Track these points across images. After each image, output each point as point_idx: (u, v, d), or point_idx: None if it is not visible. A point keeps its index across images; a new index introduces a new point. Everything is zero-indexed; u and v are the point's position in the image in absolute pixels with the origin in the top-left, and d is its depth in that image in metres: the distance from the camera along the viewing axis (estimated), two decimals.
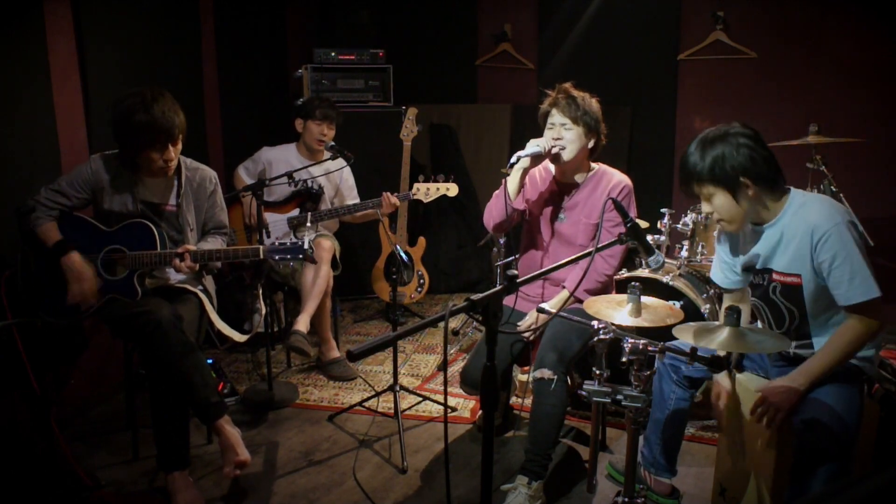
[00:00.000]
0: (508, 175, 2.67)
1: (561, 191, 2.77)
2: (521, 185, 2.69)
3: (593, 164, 2.77)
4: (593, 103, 2.67)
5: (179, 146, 2.64)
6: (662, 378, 2.42)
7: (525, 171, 2.67)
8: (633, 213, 2.69)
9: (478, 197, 5.18)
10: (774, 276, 2.15)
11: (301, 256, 2.63)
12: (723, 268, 2.37)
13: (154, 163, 2.59)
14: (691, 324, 2.05)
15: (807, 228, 2.03)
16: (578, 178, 2.75)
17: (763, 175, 2.06)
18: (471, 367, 2.70)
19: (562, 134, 2.62)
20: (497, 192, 2.72)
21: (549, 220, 2.78)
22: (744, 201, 2.08)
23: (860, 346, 2.03)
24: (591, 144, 2.67)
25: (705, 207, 2.17)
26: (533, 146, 2.60)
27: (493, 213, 2.73)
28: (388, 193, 3.72)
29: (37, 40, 2.95)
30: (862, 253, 1.98)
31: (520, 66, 5.13)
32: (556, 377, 2.47)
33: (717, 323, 2.04)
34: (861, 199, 3.70)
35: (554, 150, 2.62)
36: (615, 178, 2.72)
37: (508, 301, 2.75)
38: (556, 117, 2.64)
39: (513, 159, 2.59)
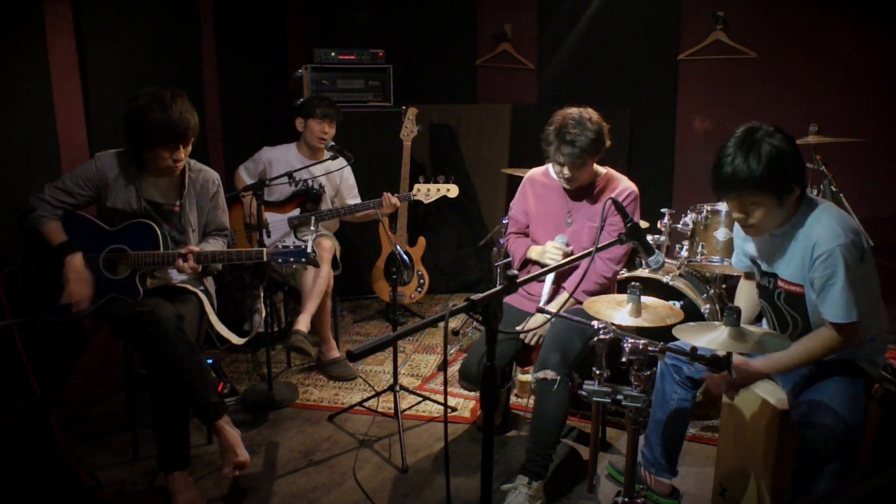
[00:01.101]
0: (516, 213, 2.82)
1: (567, 195, 2.77)
2: None
3: (601, 169, 2.77)
4: (595, 127, 2.57)
5: (189, 148, 2.65)
6: (664, 378, 2.42)
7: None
8: (636, 218, 2.68)
9: (478, 197, 5.18)
10: (779, 282, 2.16)
11: (304, 260, 2.63)
12: (738, 253, 2.40)
13: (163, 161, 2.59)
14: (691, 324, 2.05)
15: (809, 242, 2.03)
16: (585, 182, 2.74)
17: (804, 178, 2.05)
18: (469, 363, 2.70)
19: (569, 172, 2.62)
20: (517, 246, 2.84)
21: (554, 223, 2.77)
22: (784, 207, 2.03)
23: (828, 354, 2.07)
24: (597, 160, 2.68)
25: (739, 214, 2.08)
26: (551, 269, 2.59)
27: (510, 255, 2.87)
28: (389, 194, 3.72)
29: (37, 40, 2.95)
30: (853, 276, 1.97)
31: (520, 66, 5.13)
32: (559, 378, 2.47)
33: (717, 323, 2.04)
34: (861, 199, 3.70)
35: (563, 186, 2.70)
36: (622, 185, 2.71)
37: (516, 302, 2.76)
38: (560, 157, 2.58)
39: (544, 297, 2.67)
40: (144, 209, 2.68)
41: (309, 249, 2.62)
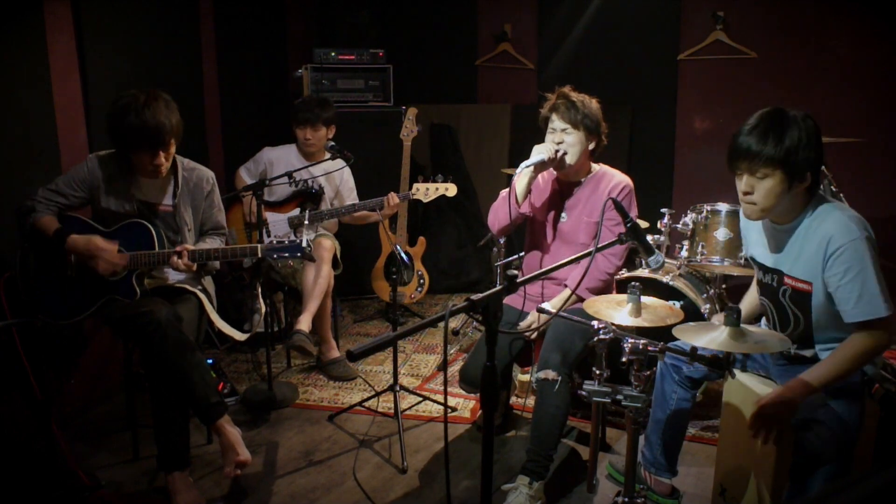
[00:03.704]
0: (514, 176, 2.64)
1: (562, 191, 2.78)
2: (528, 191, 2.69)
3: (594, 165, 2.79)
4: (593, 105, 2.67)
5: (172, 150, 2.63)
6: (664, 378, 2.42)
7: (532, 178, 2.66)
8: (633, 213, 2.70)
9: (478, 197, 5.18)
10: (786, 279, 2.13)
11: (299, 255, 2.63)
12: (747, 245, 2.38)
13: (144, 165, 2.60)
14: (691, 324, 2.05)
15: (823, 238, 1.98)
16: (580, 178, 2.76)
17: (818, 171, 2.03)
18: (470, 366, 2.70)
19: (563, 139, 2.64)
20: (503, 194, 2.71)
21: (550, 219, 2.79)
22: (792, 193, 2.00)
23: (865, 362, 1.99)
24: (591, 146, 2.69)
25: (745, 186, 2.04)
26: (537, 154, 2.59)
27: (498, 215, 2.72)
28: (393, 194, 3.70)
29: (37, 40, 2.96)
30: (875, 270, 1.93)
31: (520, 66, 5.13)
32: (560, 378, 2.47)
33: (717, 322, 2.03)
34: (861, 199, 3.70)
35: (558, 156, 2.62)
36: (616, 179, 2.73)
37: (516, 303, 2.75)
38: (557, 122, 2.65)
39: (518, 169, 2.58)
40: (137, 210, 2.68)
41: (304, 244, 2.62)
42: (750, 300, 2.42)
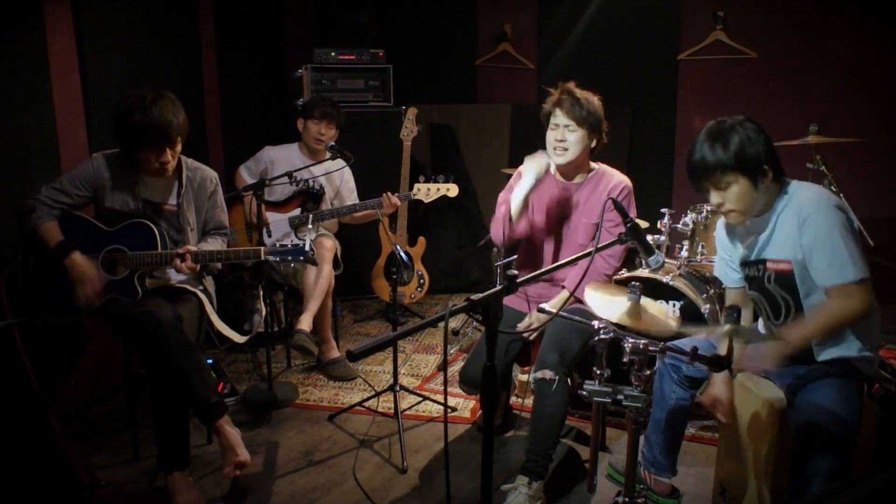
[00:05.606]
0: (511, 202, 2.67)
1: (561, 192, 2.77)
2: (525, 206, 2.69)
3: (593, 164, 2.77)
4: (596, 103, 2.66)
5: (178, 148, 2.64)
6: (663, 378, 2.42)
7: (529, 193, 2.66)
8: (632, 213, 2.69)
9: (478, 197, 5.18)
10: (768, 264, 2.18)
11: (302, 258, 2.63)
12: (722, 265, 2.40)
13: (150, 163, 2.60)
14: (691, 326, 2.05)
15: (795, 212, 2.08)
16: (579, 178, 2.75)
17: (776, 162, 2.10)
18: (470, 367, 2.70)
19: (565, 136, 2.62)
20: (502, 209, 2.73)
21: (549, 220, 2.78)
22: (760, 189, 2.09)
23: (843, 326, 2.06)
24: (593, 144, 2.68)
25: (716, 199, 2.13)
26: (529, 175, 2.60)
27: (498, 230, 2.76)
28: (389, 194, 3.71)
29: (37, 40, 2.96)
30: (846, 236, 2.00)
31: (520, 66, 5.13)
32: (557, 378, 2.47)
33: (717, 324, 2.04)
34: (861, 199, 3.70)
35: (555, 161, 2.63)
36: (615, 179, 2.72)
37: (514, 303, 2.75)
38: (560, 118, 2.63)
39: (513, 200, 2.63)
40: (141, 209, 2.68)
41: (307, 248, 2.62)
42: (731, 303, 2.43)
